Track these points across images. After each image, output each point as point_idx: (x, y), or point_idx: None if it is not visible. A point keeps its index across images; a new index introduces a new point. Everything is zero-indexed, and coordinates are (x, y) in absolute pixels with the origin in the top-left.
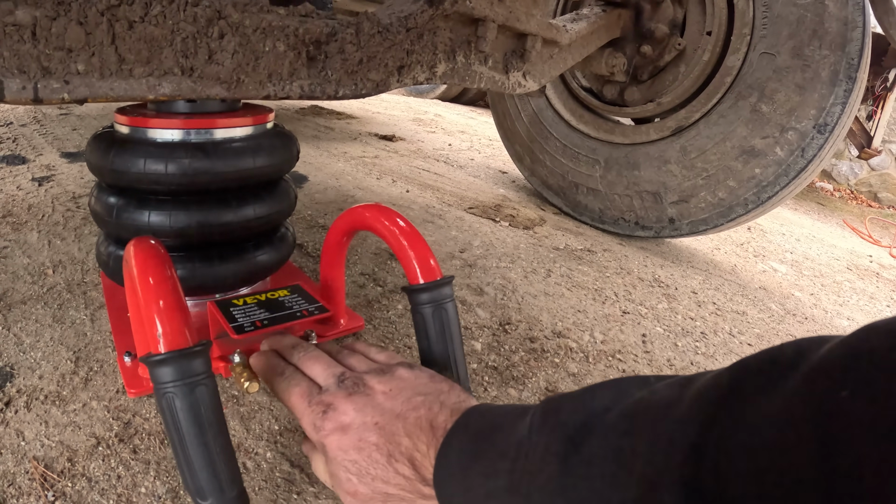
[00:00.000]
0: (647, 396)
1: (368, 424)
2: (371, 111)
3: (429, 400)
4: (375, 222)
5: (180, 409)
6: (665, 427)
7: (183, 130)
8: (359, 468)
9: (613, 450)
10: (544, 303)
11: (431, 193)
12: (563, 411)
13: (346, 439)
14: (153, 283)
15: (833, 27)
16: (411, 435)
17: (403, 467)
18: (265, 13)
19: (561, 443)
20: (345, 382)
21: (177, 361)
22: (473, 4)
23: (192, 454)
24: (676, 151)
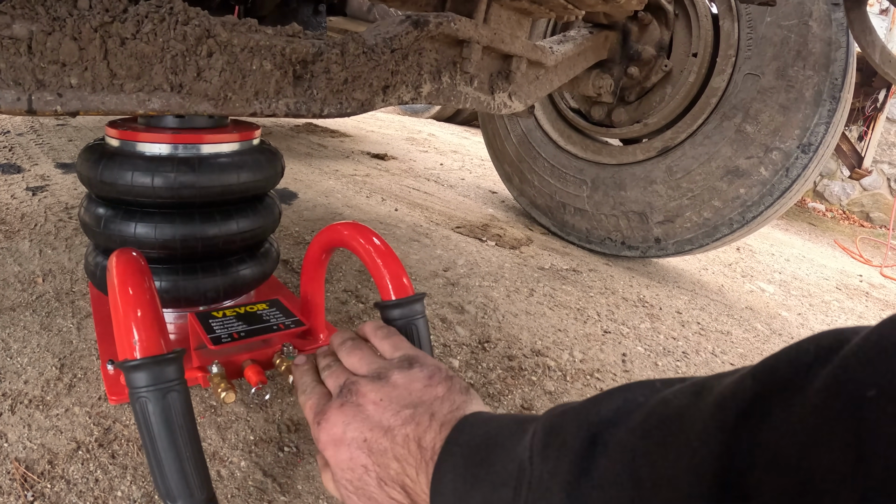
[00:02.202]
0: (660, 408)
1: (358, 441)
2: (365, 129)
3: (418, 413)
4: (352, 240)
5: (153, 414)
6: (686, 443)
7: (171, 145)
8: (355, 487)
9: (628, 471)
10: (525, 322)
11: (420, 212)
12: (566, 427)
13: (339, 456)
14: (132, 293)
15: (817, 48)
16: (400, 458)
17: (395, 492)
18: (253, 32)
19: (568, 466)
20: (342, 392)
21: (150, 367)
22: (458, 26)
23: (163, 458)
24: (662, 172)
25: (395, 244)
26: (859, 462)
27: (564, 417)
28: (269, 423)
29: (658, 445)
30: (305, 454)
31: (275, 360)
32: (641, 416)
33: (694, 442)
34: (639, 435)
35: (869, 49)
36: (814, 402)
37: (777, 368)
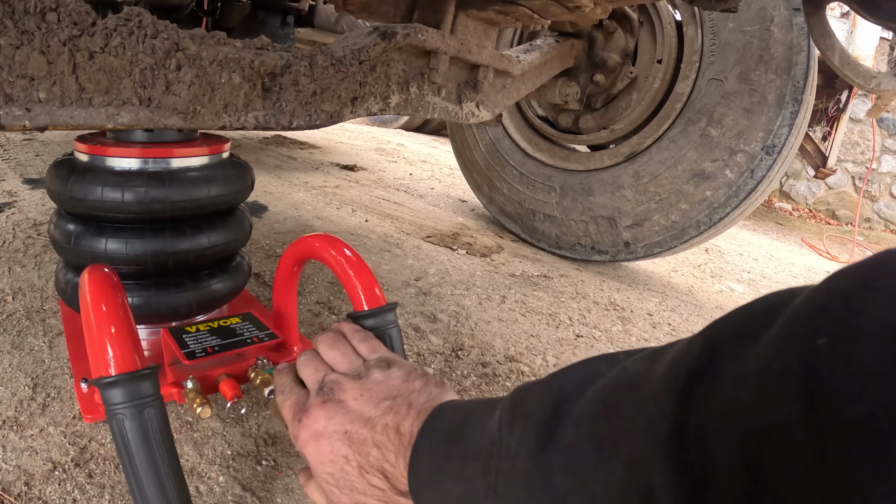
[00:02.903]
0: (619, 374)
1: (339, 433)
2: (334, 141)
3: (397, 403)
4: (323, 252)
5: (130, 430)
6: (641, 404)
7: (140, 159)
8: (336, 480)
9: (590, 435)
10: (498, 328)
11: (390, 223)
12: (531, 400)
13: (320, 448)
14: (105, 309)
15: (779, 52)
16: (379, 445)
17: (375, 479)
18: (222, 45)
19: (533, 435)
20: (322, 389)
21: (126, 384)
22: (425, 37)
23: (141, 474)
24: (630, 177)
25: (366, 255)
26: (812, 411)
27: (530, 391)
28: (246, 437)
29: (615, 409)
30: (283, 467)
31: (249, 373)
32: (602, 384)
33: (649, 403)
34: (598, 402)
35: (829, 52)
36: (764, 353)
37: (727, 326)
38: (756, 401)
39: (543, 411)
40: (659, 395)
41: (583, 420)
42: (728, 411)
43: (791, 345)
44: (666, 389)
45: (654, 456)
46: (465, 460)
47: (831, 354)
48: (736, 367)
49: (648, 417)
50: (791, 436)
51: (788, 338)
